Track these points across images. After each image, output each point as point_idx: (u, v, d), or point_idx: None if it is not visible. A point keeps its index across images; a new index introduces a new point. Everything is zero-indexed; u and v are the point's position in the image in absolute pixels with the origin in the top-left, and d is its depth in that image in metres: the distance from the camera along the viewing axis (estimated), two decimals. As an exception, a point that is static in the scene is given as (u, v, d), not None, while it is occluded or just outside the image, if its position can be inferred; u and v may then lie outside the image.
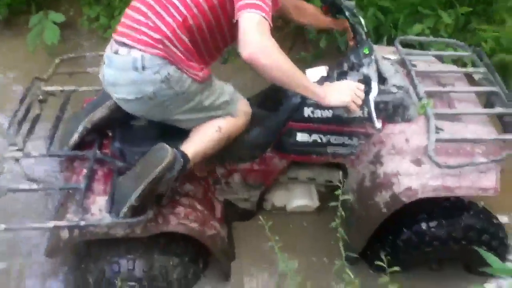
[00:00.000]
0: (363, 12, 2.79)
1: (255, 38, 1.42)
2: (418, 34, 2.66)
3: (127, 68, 1.54)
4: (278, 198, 2.18)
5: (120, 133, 1.80)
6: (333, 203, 1.40)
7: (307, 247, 2.15)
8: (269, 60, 1.45)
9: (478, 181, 1.71)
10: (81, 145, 1.78)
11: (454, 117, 1.86)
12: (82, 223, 1.57)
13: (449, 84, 2.02)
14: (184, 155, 1.64)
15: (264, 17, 1.43)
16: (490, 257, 1.18)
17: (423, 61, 2.12)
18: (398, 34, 2.69)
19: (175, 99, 1.61)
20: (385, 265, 1.24)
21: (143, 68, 1.53)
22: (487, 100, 1.97)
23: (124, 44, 1.56)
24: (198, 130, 1.73)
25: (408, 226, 1.87)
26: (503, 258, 1.95)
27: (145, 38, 1.53)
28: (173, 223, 1.72)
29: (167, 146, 1.59)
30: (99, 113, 1.77)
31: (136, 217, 1.59)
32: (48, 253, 1.74)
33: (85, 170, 1.73)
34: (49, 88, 2.00)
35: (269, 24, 1.46)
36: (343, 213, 1.38)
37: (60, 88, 2.03)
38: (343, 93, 1.61)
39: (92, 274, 1.78)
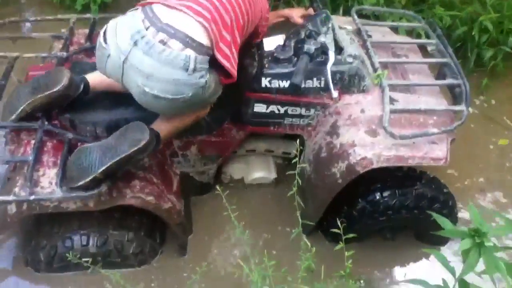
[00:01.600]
0: None
1: None
2: (373, 5, 2.67)
3: (175, 65, 1.40)
4: (236, 170, 2.17)
5: (70, 103, 1.71)
6: (290, 172, 1.39)
7: (266, 218, 2.17)
8: None
9: (430, 151, 1.76)
10: (28, 115, 1.68)
11: (407, 88, 1.90)
12: (32, 197, 1.50)
13: (403, 55, 2.05)
14: (157, 136, 1.60)
15: None
16: (443, 220, 1.23)
17: (378, 32, 2.14)
18: (354, 5, 2.69)
19: (197, 103, 1.56)
20: (340, 232, 1.26)
21: (194, 70, 1.42)
22: (439, 72, 2.02)
23: (176, 34, 1.41)
24: (163, 118, 1.67)
25: (363, 196, 1.91)
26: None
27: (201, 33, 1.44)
28: (128, 196, 1.68)
29: (146, 127, 1.54)
30: (40, 99, 1.61)
31: (89, 190, 1.54)
32: (-5, 229, 1.66)
33: (33, 142, 1.64)
34: (-11, 54, 1.87)
35: None
36: (300, 181, 1.38)
37: (3, 54, 1.90)
38: None
39: (43, 250, 1.72)
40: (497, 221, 2.14)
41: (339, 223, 1.29)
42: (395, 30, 2.27)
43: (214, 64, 1.49)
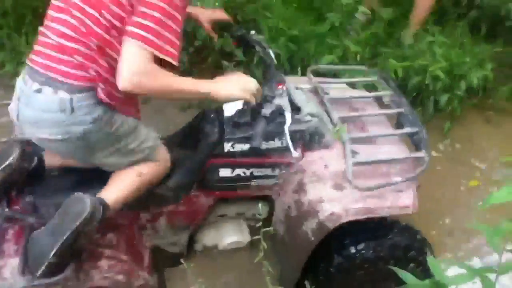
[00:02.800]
0: (275, 43, 2.89)
1: (124, 74, 1.40)
2: (329, 63, 2.79)
3: (52, 109, 1.47)
4: (208, 237, 2.13)
5: (30, 186, 1.68)
6: (255, 237, 1.37)
7: (240, 284, 2.11)
8: (145, 89, 1.43)
9: (397, 200, 1.78)
10: None
11: (368, 140, 1.94)
12: (-9, 291, 1.44)
13: (361, 108, 2.12)
14: (104, 203, 1.57)
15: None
16: (404, 274, 1.22)
17: (336, 89, 2.22)
18: (311, 64, 2.81)
19: (104, 140, 1.57)
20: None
21: (72, 110, 1.46)
22: (397, 121, 2.09)
23: (47, 81, 1.47)
24: (119, 176, 1.68)
25: (338, 251, 1.89)
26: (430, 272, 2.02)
27: (73, 72, 1.46)
28: (97, 278, 1.62)
29: (86, 196, 1.52)
30: None
31: (53, 277, 1.48)
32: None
33: None
34: None
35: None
36: (265, 246, 1.36)
37: None
38: (233, 85, 1.59)
39: None
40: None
41: (307, 286, 1.25)
42: (353, 85, 2.36)
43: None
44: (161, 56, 1.44)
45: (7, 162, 1.59)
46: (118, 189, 1.65)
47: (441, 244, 2.39)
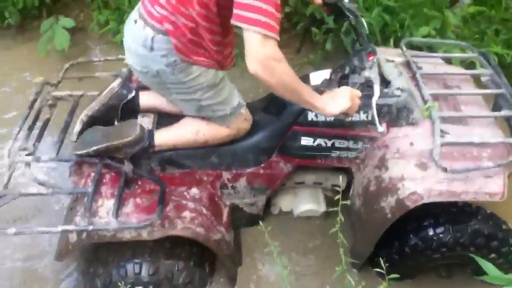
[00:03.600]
0: (368, 12, 2.79)
1: (259, 56, 1.41)
2: (425, 36, 2.64)
3: (138, 42, 1.61)
4: (285, 202, 2.19)
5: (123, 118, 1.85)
6: (333, 209, 1.39)
7: (314, 252, 2.15)
8: (273, 79, 1.45)
9: (485, 186, 1.70)
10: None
11: (460, 120, 1.85)
12: (90, 227, 1.60)
13: (455, 86, 2.01)
14: (151, 140, 1.77)
15: (267, 35, 1.40)
16: (486, 264, 1.18)
17: (429, 63, 2.11)
18: (405, 35, 2.68)
19: (177, 86, 1.66)
20: (383, 272, 1.24)
21: (151, 48, 1.58)
22: (495, 103, 1.96)
23: (141, 15, 1.61)
24: (180, 124, 1.83)
25: (415, 232, 1.85)
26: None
27: (160, 16, 1.56)
28: (179, 227, 1.74)
29: (139, 126, 1.73)
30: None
31: (142, 222, 1.63)
32: (57, 256, 1.77)
33: (93, 174, 1.76)
34: (58, 93, 2.04)
35: (275, 39, 1.43)
36: (342, 218, 1.38)
37: (69, 93, 2.06)
38: (340, 99, 1.59)
39: (100, 278, 1.81)
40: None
41: (382, 263, 1.25)
42: (449, 61, 2.23)
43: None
44: (277, 37, 1.44)
45: (110, 86, 1.82)
46: (171, 134, 1.82)
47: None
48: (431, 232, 1.81)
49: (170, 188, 1.82)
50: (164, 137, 1.80)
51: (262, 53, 1.42)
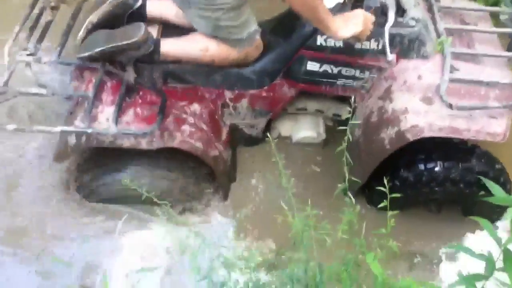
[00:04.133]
0: None
1: None
2: None
3: None
4: (285, 127, 2.19)
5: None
6: (341, 127, 1.39)
7: (311, 175, 2.18)
8: None
9: (488, 126, 1.68)
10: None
11: (472, 58, 1.80)
12: (89, 130, 1.61)
13: (473, 23, 1.94)
14: (157, 46, 1.71)
15: None
16: (494, 186, 1.19)
17: (450, -3, 2.03)
18: None
19: (200, 1, 1.60)
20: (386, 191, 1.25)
21: None
22: (510, 43, 1.90)
23: None
24: (189, 37, 1.77)
25: (406, 166, 1.86)
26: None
27: None
28: (178, 140, 1.75)
29: (144, 28, 1.65)
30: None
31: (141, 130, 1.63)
32: (56, 157, 1.80)
33: (94, 80, 1.74)
34: (61, -5, 1.97)
35: None
36: (351, 138, 1.38)
37: None
38: (353, 23, 1.56)
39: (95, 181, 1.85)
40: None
41: (385, 182, 1.26)
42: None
43: None
44: None
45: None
46: (178, 45, 1.76)
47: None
48: (421, 167, 1.82)
49: (171, 101, 1.81)
50: (171, 46, 1.76)
51: None
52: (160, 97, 1.75)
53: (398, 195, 1.33)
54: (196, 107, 1.87)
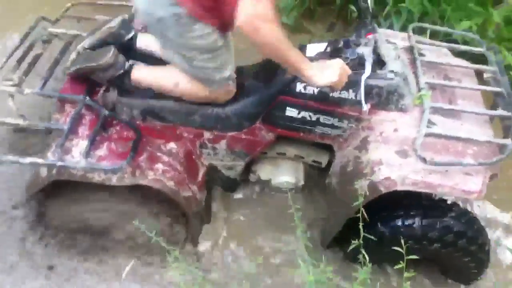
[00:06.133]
0: None
1: (248, 13, 1.39)
2: (465, 30, 2.56)
3: None
4: (264, 171, 2.17)
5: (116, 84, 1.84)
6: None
7: (285, 223, 2.14)
8: (257, 38, 1.43)
9: (463, 183, 1.64)
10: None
11: (452, 114, 1.78)
12: (59, 163, 1.61)
13: (456, 78, 1.94)
14: (129, 70, 1.78)
15: None
16: None
17: (434, 52, 2.04)
18: (444, 27, 2.61)
19: (177, 38, 1.62)
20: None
21: None
22: (494, 101, 1.88)
23: None
24: (164, 68, 1.80)
25: (384, 221, 1.82)
26: (482, 265, 1.89)
27: None
28: (150, 177, 1.74)
29: (112, 52, 1.74)
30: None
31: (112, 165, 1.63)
32: (27, 188, 1.80)
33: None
34: (54, 30, 2.03)
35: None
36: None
37: (65, 31, 2.05)
38: (329, 72, 1.57)
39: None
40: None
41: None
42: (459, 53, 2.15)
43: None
44: None
45: (110, 24, 1.81)
46: (150, 74, 1.82)
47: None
48: (399, 223, 1.77)
49: (147, 138, 1.81)
50: (143, 73, 1.81)
51: (252, 10, 1.39)
52: (135, 132, 1.75)
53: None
54: (172, 145, 1.87)
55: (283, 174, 2.13)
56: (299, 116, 1.83)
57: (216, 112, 1.86)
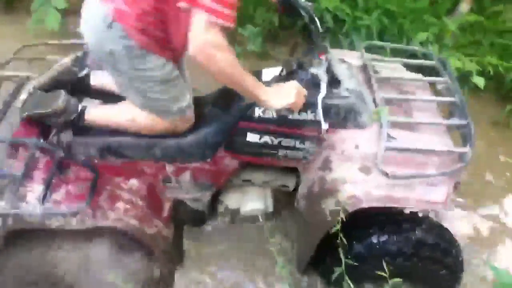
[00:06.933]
0: (367, 14, 2.81)
1: (200, 41, 1.40)
2: (421, 42, 2.65)
3: (97, 16, 1.53)
4: (232, 200, 2.13)
5: (73, 95, 1.80)
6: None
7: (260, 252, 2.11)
8: (212, 66, 1.44)
9: (427, 194, 1.66)
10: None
11: (410, 127, 1.81)
12: (12, 211, 1.54)
13: (411, 92, 1.97)
14: (82, 114, 1.75)
15: (212, 21, 1.38)
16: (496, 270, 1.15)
17: (389, 68, 2.08)
18: (403, 40, 2.69)
19: (130, 71, 1.60)
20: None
21: (110, 26, 1.51)
22: (449, 111, 1.92)
23: None
24: (117, 106, 1.77)
25: (359, 240, 1.81)
26: (456, 276, 1.89)
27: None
28: (111, 217, 1.69)
29: (62, 98, 1.70)
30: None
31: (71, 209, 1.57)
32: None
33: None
34: (4, 73, 1.98)
35: (222, 26, 1.41)
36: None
37: (16, 74, 2.00)
38: (285, 94, 1.58)
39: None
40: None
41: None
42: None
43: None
44: (227, 25, 1.41)
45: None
46: (104, 113, 1.78)
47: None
48: (374, 240, 1.76)
49: (106, 177, 1.76)
50: (98, 113, 1.77)
51: (203, 39, 1.39)
52: (92, 172, 1.70)
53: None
54: (133, 182, 1.82)
55: (252, 201, 2.10)
56: (261, 141, 1.82)
57: (176, 143, 1.83)
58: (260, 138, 1.82)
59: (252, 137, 1.82)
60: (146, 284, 1.86)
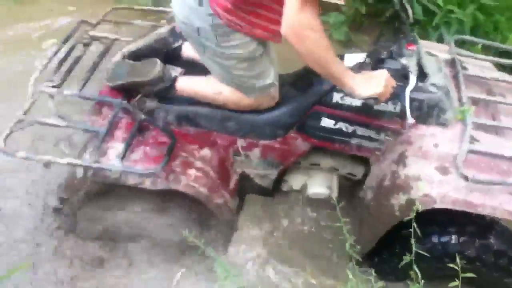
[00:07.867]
0: (461, 9, 2.66)
1: (293, 21, 1.37)
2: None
3: None
4: (297, 181, 2.13)
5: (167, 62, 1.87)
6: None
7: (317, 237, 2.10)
8: (302, 47, 1.40)
9: (507, 203, 1.58)
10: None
11: (495, 130, 1.72)
12: (94, 165, 1.63)
13: (500, 94, 1.86)
14: (173, 83, 1.80)
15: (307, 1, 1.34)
16: None
17: (477, 66, 1.97)
18: (497, 39, 2.53)
19: (215, 48, 1.62)
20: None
21: (200, 3, 1.53)
22: (539, 119, 1.80)
23: None
24: (206, 78, 1.79)
25: (418, 238, 1.75)
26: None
27: None
28: (183, 183, 1.74)
29: (159, 65, 1.75)
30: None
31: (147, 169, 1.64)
32: (64, 189, 1.82)
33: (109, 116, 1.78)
34: (95, 33, 2.06)
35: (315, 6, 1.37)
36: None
37: (106, 35, 2.08)
38: (375, 83, 1.52)
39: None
40: None
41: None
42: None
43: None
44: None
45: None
46: (194, 83, 1.82)
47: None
48: (435, 240, 1.72)
49: (182, 143, 1.81)
50: (187, 83, 1.81)
51: (297, 19, 1.36)
52: (170, 138, 1.76)
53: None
54: (206, 152, 1.86)
55: (317, 185, 2.09)
56: (335, 127, 1.80)
57: (251, 120, 1.85)
58: (335, 124, 1.80)
59: (326, 122, 1.80)
60: None
